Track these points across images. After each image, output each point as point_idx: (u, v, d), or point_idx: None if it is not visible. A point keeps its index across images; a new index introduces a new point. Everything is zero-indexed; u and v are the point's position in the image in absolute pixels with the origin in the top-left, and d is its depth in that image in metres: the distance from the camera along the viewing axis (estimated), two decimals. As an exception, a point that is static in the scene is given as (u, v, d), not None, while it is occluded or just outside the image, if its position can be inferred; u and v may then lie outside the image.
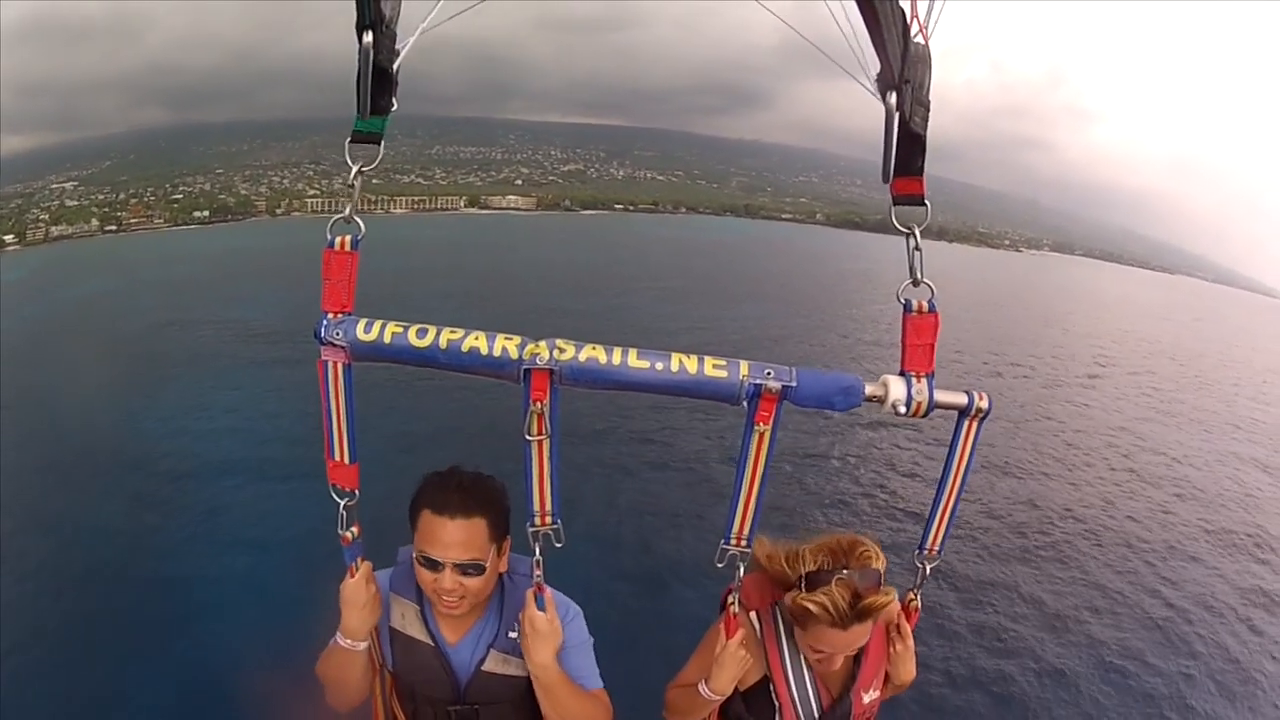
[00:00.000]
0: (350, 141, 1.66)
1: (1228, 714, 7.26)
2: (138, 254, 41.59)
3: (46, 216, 52.59)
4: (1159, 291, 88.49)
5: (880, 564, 2.08)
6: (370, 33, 1.52)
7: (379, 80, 1.59)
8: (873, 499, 11.31)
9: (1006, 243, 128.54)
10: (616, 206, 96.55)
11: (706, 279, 37.44)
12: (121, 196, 60.11)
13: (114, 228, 53.86)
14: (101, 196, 59.11)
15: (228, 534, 9.06)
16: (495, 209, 77.98)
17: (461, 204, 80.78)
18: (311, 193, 73.71)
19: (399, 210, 70.46)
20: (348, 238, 1.69)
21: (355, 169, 1.68)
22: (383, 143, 1.70)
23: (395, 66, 1.61)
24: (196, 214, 58.50)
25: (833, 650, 2.13)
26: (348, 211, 1.68)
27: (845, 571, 2.05)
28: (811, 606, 2.04)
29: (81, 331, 20.69)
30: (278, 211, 65.03)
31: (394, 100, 1.66)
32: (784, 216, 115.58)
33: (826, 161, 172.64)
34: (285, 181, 74.54)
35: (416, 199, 69.15)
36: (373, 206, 69.81)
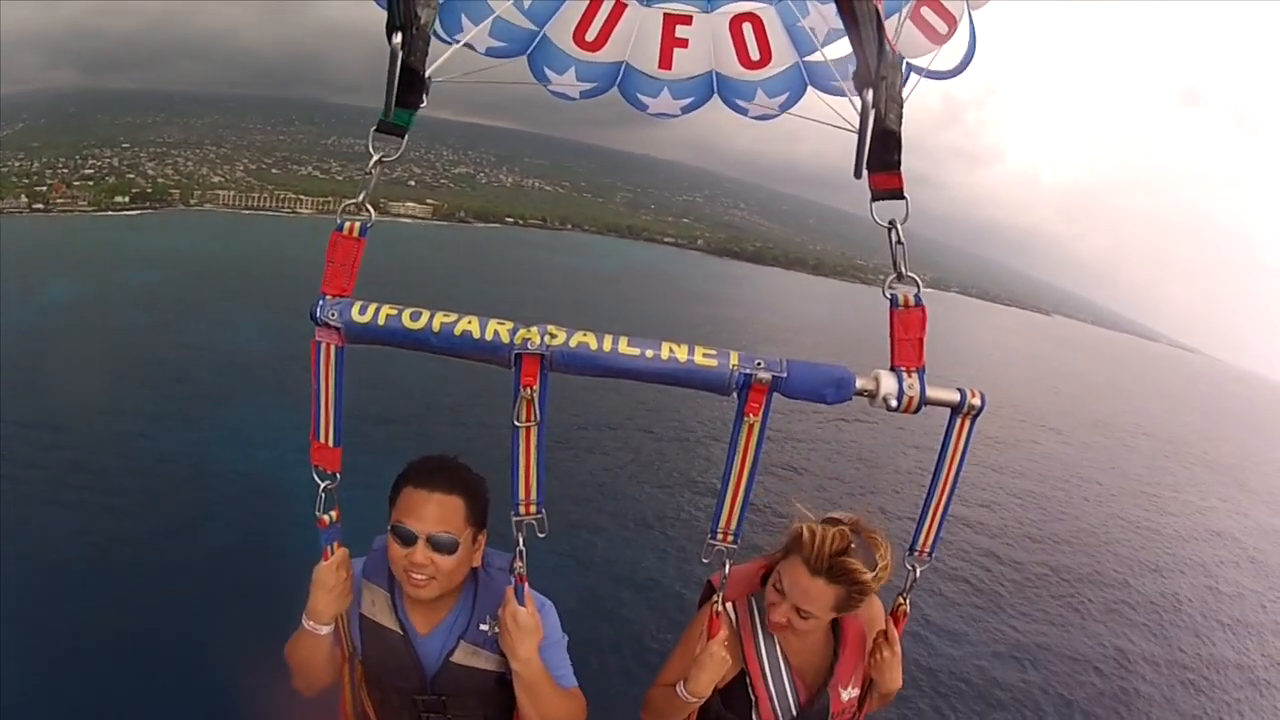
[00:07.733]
0: (374, 131, 1.79)
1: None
2: (82, 244, 42.33)
3: (-29, 185, 55.64)
4: (1017, 337, 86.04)
5: (884, 555, 2.23)
6: (399, 34, 1.67)
7: (408, 79, 1.73)
8: (860, 499, 12.37)
9: (881, 277, 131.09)
10: (508, 219, 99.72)
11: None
12: (35, 166, 63.46)
13: (42, 206, 57.72)
14: (17, 164, 62.35)
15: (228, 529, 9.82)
16: (394, 215, 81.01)
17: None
18: (216, 178, 78.25)
19: (305, 211, 74.66)
20: (357, 223, 1.80)
21: (375, 158, 1.82)
22: (406, 136, 1.83)
23: (427, 71, 1.77)
24: (117, 199, 62.84)
25: (787, 596, 2.21)
26: (361, 198, 1.81)
27: (851, 533, 2.21)
28: (804, 531, 2.20)
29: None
30: (191, 201, 69.60)
31: (424, 98, 1.80)
32: (666, 239, 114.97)
33: (712, 182, 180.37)
34: (190, 164, 78.44)
35: (320, 200, 73.64)
36: (280, 204, 75.16)
